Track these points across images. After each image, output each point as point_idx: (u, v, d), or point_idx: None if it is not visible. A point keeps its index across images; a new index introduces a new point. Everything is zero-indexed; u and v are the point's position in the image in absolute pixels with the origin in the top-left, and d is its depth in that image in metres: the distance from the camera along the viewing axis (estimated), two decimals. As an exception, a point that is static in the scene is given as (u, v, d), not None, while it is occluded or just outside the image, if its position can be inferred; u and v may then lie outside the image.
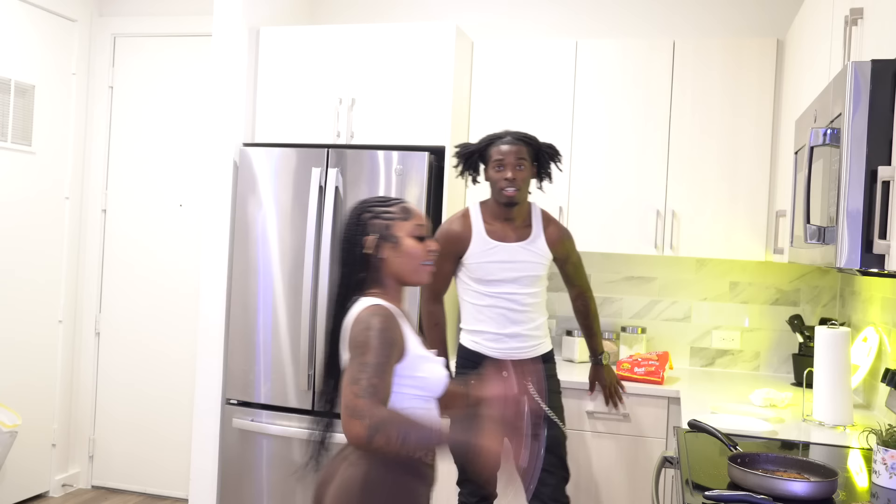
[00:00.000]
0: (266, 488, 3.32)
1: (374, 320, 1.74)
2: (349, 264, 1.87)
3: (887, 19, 1.59)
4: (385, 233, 1.85)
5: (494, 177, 2.69)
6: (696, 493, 1.72)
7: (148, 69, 4.19)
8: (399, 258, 1.85)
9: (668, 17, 3.69)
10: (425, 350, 1.85)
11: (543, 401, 2.74)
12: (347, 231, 1.87)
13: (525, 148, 2.68)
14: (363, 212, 1.87)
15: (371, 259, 1.86)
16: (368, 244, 1.85)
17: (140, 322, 4.18)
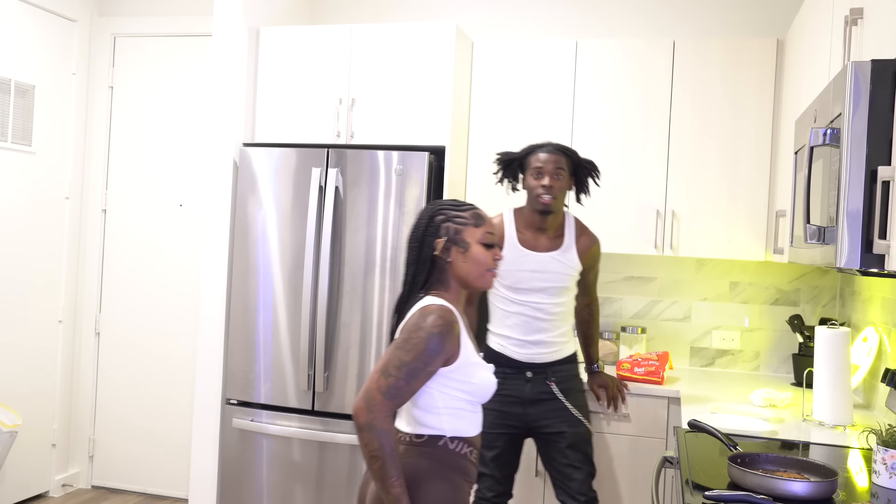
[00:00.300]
0: (266, 488, 3.32)
1: (432, 321, 1.77)
2: (416, 264, 1.91)
3: (887, 19, 1.59)
4: (455, 237, 1.89)
5: (532, 184, 2.72)
6: (696, 493, 1.72)
7: (148, 69, 4.19)
8: (466, 263, 1.89)
9: (668, 17, 3.69)
10: (477, 356, 1.88)
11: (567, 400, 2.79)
12: (417, 231, 1.92)
13: (564, 159, 2.72)
14: (436, 214, 1.91)
15: (438, 261, 1.90)
16: (438, 246, 1.89)
17: (140, 322, 4.18)
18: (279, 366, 3.33)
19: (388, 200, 3.21)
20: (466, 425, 1.87)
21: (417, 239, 1.92)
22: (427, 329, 1.76)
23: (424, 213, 1.93)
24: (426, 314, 1.79)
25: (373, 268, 3.22)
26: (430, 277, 1.90)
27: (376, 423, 1.71)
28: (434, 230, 1.90)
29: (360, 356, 3.23)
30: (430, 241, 1.90)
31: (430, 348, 1.75)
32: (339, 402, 3.25)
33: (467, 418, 1.87)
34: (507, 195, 3.05)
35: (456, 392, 1.84)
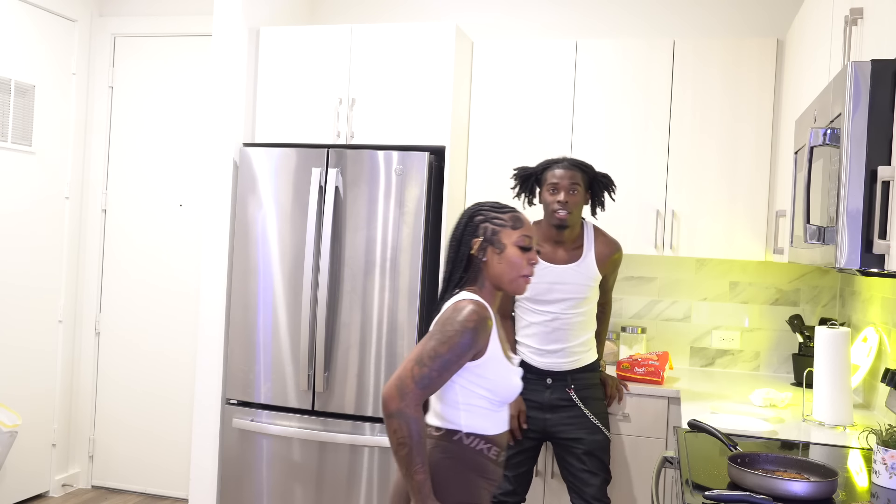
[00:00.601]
0: (266, 488, 3.32)
1: (467, 315, 1.81)
2: (453, 261, 1.96)
3: (887, 19, 1.59)
4: (492, 238, 1.92)
5: (548, 199, 2.76)
6: (696, 493, 1.72)
7: (148, 69, 4.19)
8: (500, 264, 1.92)
9: (668, 17, 3.69)
10: (504, 357, 1.90)
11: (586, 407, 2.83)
12: (457, 230, 1.96)
13: (580, 174, 2.77)
14: (476, 214, 1.95)
15: (474, 260, 1.94)
16: (474, 246, 1.93)
17: (140, 322, 4.18)
18: (279, 366, 3.33)
19: (388, 200, 3.21)
20: (485, 423, 1.90)
21: (456, 237, 1.96)
22: (461, 322, 1.80)
23: (465, 212, 1.98)
24: (460, 308, 1.83)
25: (373, 268, 3.22)
26: (466, 275, 1.94)
27: (407, 411, 1.76)
28: (472, 230, 1.94)
29: (360, 356, 3.23)
30: (467, 240, 1.94)
31: (464, 341, 1.80)
32: (339, 402, 3.25)
33: (486, 416, 1.90)
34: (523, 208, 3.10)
35: (477, 389, 1.87)
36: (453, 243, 1.96)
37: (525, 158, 3.44)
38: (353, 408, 3.24)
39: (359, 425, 3.22)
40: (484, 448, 1.90)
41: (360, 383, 3.23)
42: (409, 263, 3.19)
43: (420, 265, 3.18)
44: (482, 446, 1.89)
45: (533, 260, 1.93)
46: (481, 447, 1.89)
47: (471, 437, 1.88)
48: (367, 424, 3.21)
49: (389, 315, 3.21)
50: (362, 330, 3.24)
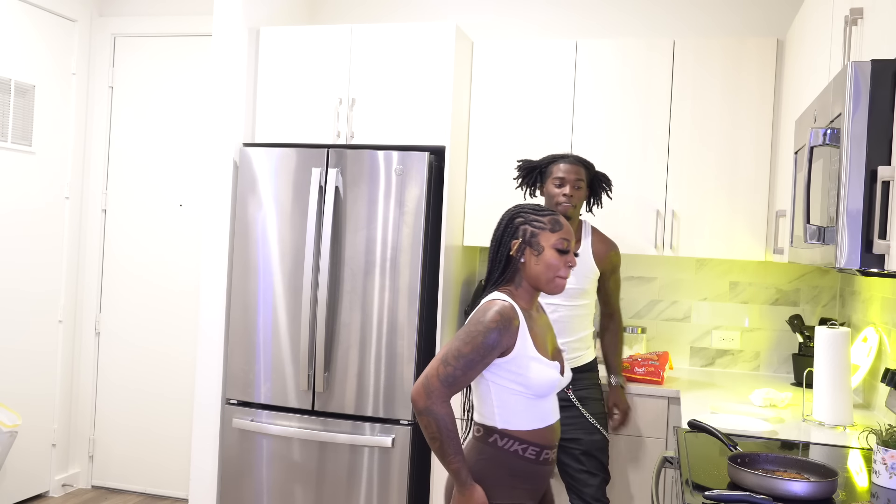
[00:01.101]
0: (266, 488, 3.32)
1: (491, 316, 1.89)
2: (493, 261, 2.03)
3: (887, 19, 1.59)
4: (530, 240, 1.98)
5: (553, 191, 2.81)
6: (696, 493, 1.72)
7: (148, 69, 4.19)
8: (538, 266, 1.97)
9: (667, 17, 3.69)
10: (536, 352, 1.94)
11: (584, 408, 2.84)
12: (497, 230, 2.03)
13: (584, 171, 2.83)
14: (516, 216, 2.01)
15: (512, 260, 1.99)
16: (513, 247, 1.99)
17: (140, 322, 4.18)
18: (279, 366, 3.33)
19: (388, 200, 3.21)
20: (519, 418, 1.94)
21: (496, 239, 2.02)
22: (486, 323, 1.88)
23: (506, 213, 2.04)
24: (487, 309, 1.91)
25: (373, 268, 3.22)
26: (504, 275, 2.00)
27: (434, 408, 1.86)
28: (512, 231, 2.00)
29: (360, 356, 3.23)
30: (506, 241, 2.00)
31: (488, 342, 1.87)
32: (339, 402, 3.25)
33: (522, 411, 1.94)
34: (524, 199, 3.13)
35: (510, 384, 1.93)
36: (494, 243, 2.03)
37: (526, 157, 3.44)
38: (353, 408, 3.24)
39: (359, 425, 3.22)
40: (519, 449, 1.94)
41: (360, 383, 3.23)
42: (409, 263, 3.19)
43: (420, 265, 3.18)
44: (516, 447, 1.94)
45: (570, 262, 1.98)
46: (515, 448, 1.94)
47: (505, 438, 1.93)
48: (367, 424, 3.21)
49: (389, 315, 3.21)
50: (362, 330, 3.24)
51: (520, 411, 1.94)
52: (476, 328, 1.88)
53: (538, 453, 1.96)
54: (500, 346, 1.89)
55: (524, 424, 1.94)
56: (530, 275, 1.98)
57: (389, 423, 3.20)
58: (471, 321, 1.91)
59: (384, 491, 3.18)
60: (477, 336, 1.87)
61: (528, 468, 1.95)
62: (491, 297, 1.96)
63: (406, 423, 3.19)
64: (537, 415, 1.96)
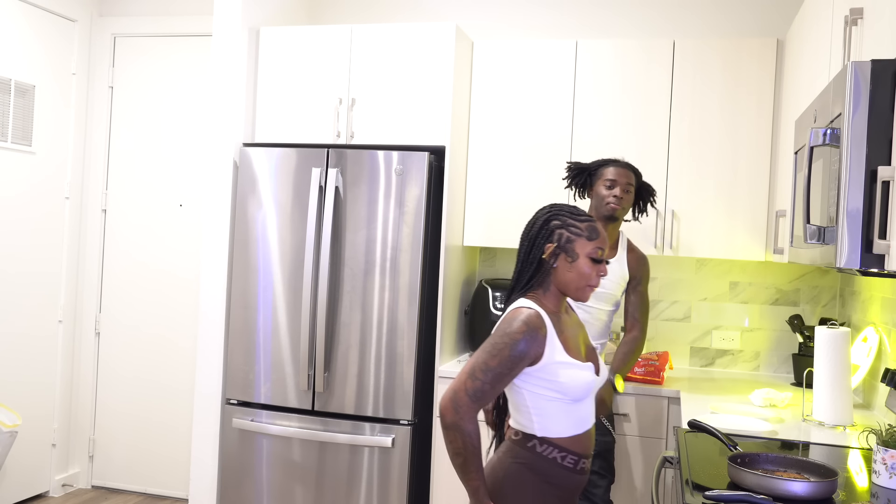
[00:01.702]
0: (266, 488, 3.32)
1: (517, 327, 1.82)
2: (523, 262, 1.95)
3: (887, 19, 1.59)
4: (566, 245, 1.90)
5: (603, 193, 2.83)
6: (696, 493, 1.72)
7: (148, 69, 4.19)
8: (570, 273, 1.90)
9: (667, 18, 3.69)
10: (568, 356, 1.88)
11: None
12: (530, 231, 1.94)
13: (633, 177, 2.87)
14: (553, 218, 1.92)
15: (544, 264, 1.91)
16: (547, 251, 1.90)
17: (140, 322, 4.18)
18: (279, 366, 3.33)
19: (388, 200, 3.21)
20: (558, 425, 1.88)
21: (529, 239, 1.94)
22: (512, 334, 1.81)
23: (541, 214, 1.95)
24: (512, 319, 1.84)
25: (373, 268, 3.22)
26: (534, 278, 1.93)
27: (462, 424, 1.79)
28: (547, 234, 1.91)
29: (360, 356, 3.23)
30: (540, 244, 1.91)
31: (514, 354, 1.81)
32: (339, 402, 3.25)
33: (559, 418, 1.88)
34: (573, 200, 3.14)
35: (545, 391, 1.86)
36: (525, 244, 1.95)
37: (525, 158, 3.44)
38: (353, 408, 3.24)
39: (359, 425, 3.22)
40: (557, 457, 1.88)
41: (360, 383, 3.23)
42: (409, 263, 3.19)
43: (420, 265, 3.18)
44: (555, 454, 1.88)
45: (602, 272, 1.92)
46: (554, 455, 1.88)
47: (544, 444, 1.88)
48: (367, 424, 3.21)
49: (389, 315, 3.21)
50: (362, 330, 3.24)
51: (558, 417, 1.88)
52: (502, 339, 1.81)
53: (576, 462, 1.90)
54: (528, 357, 1.82)
55: (563, 431, 1.89)
56: (560, 280, 1.91)
57: (389, 423, 3.20)
58: (497, 332, 1.84)
59: (384, 491, 3.18)
60: (504, 348, 1.80)
61: (565, 477, 1.89)
62: (517, 305, 1.88)
63: (406, 423, 3.19)
64: (575, 420, 1.90)
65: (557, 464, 1.88)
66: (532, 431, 1.89)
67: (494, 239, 3.48)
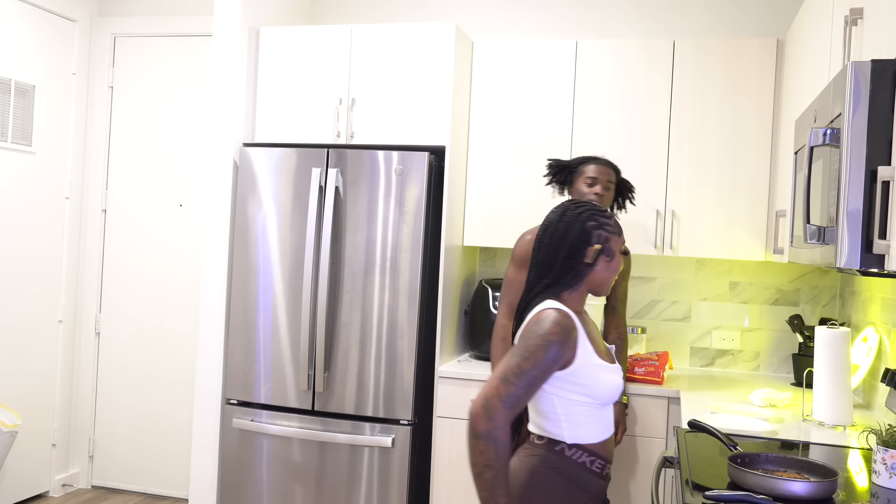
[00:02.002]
0: (266, 488, 3.32)
1: (551, 328, 1.74)
2: (554, 265, 1.86)
3: (887, 19, 1.59)
4: (606, 245, 1.86)
5: (584, 190, 2.84)
6: (696, 493, 1.72)
7: (148, 69, 4.19)
8: (606, 272, 1.87)
9: (667, 17, 3.69)
10: (599, 358, 1.83)
11: None
12: (569, 235, 1.85)
13: (613, 173, 2.87)
14: (589, 219, 1.86)
15: (583, 268, 1.85)
16: (590, 254, 1.84)
17: (140, 322, 4.18)
18: (279, 366, 3.33)
19: (388, 200, 3.21)
20: (588, 431, 1.83)
21: (567, 243, 1.85)
22: (544, 336, 1.73)
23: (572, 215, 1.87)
24: (543, 320, 1.76)
25: (373, 268, 3.22)
26: (562, 280, 1.86)
27: (496, 433, 1.66)
28: (587, 237, 1.85)
29: (360, 356, 3.23)
30: (581, 247, 1.84)
31: (549, 356, 1.72)
32: (339, 402, 3.25)
33: (588, 423, 1.83)
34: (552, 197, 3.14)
35: (575, 396, 1.80)
36: (561, 248, 1.85)
37: (525, 158, 3.44)
38: (353, 408, 3.24)
39: (359, 425, 3.22)
40: (587, 461, 1.82)
41: (360, 383, 3.23)
42: (409, 263, 3.19)
43: (420, 265, 3.18)
44: (585, 459, 1.82)
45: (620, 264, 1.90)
46: (584, 460, 1.82)
47: (573, 448, 1.82)
48: (367, 424, 3.21)
49: (389, 315, 3.21)
50: (362, 330, 3.24)
51: (588, 423, 1.82)
52: (535, 342, 1.72)
53: (602, 467, 1.85)
54: (561, 359, 1.74)
55: (592, 437, 1.83)
56: (595, 280, 1.86)
57: (389, 423, 3.20)
58: (527, 335, 1.75)
59: (384, 491, 3.18)
60: (537, 350, 1.71)
61: (592, 482, 1.84)
62: (543, 307, 1.81)
63: (406, 423, 3.19)
64: (602, 425, 1.85)
65: (587, 468, 1.82)
66: (561, 438, 1.82)
67: (494, 239, 3.48)
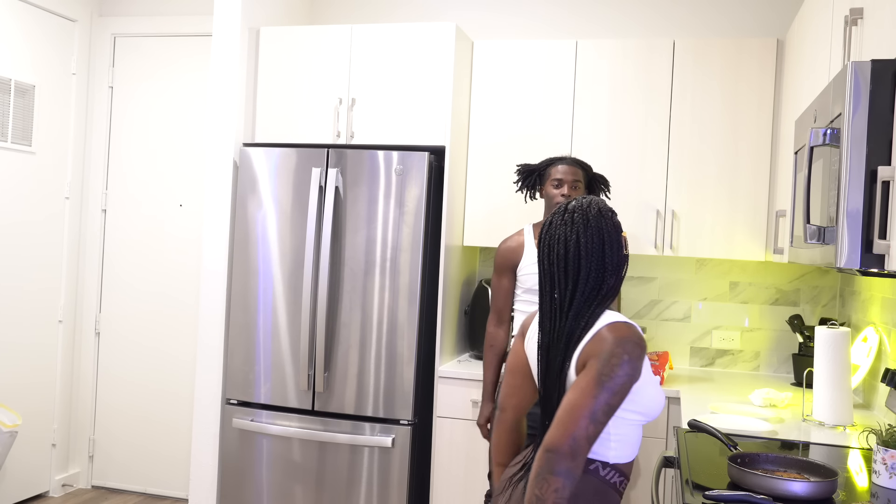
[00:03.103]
0: (266, 488, 3.32)
1: (631, 350, 1.59)
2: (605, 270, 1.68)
3: (887, 19, 1.59)
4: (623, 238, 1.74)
5: (552, 192, 2.84)
6: (696, 493, 1.72)
7: (148, 69, 4.19)
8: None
9: (667, 17, 3.69)
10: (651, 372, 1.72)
11: None
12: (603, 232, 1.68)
13: (581, 172, 2.86)
14: (611, 212, 1.72)
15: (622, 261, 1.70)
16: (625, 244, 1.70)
17: (140, 322, 4.18)
18: (279, 366, 3.33)
19: (388, 200, 3.21)
20: (630, 449, 1.72)
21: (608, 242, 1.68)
22: (629, 362, 1.58)
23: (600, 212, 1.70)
24: (622, 341, 1.59)
25: (373, 268, 3.22)
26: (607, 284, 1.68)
27: (575, 472, 1.55)
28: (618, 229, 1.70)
29: (360, 356, 3.24)
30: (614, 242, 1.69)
31: (631, 378, 1.58)
32: (339, 402, 3.25)
33: (633, 441, 1.72)
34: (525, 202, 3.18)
35: (632, 415, 1.68)
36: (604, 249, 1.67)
37: (525, 158, 3.44)
38: (353, 408, 3.24)
39: (359, 425, 3.22)
40: (617, 482, 1.71)
41: (360, 383, 3.23)
42: (409, 263, 3.19)
43: (420, 265, 3.18)
44: (615, 479, 1.70)
45: None
46: (615, 480, 1.70)
47: (608, 467, 1.69)
48: (367, 424, 3.21)
49: (389, 315, 3.21)
50: (362, 330, 3.24)
51: (633, 442, 1.71)
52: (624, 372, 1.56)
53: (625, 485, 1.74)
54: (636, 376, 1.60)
55: (631, 455, 1.73)
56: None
57: (389, 423, 3.20)
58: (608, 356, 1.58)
59: (384, 491, 3.18)
60: (626, 382, 1.57)
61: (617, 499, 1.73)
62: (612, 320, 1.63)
63: (406, 423, 3.19)
64: (638, 443, 1.74)
65: (616, 489, 1.71)
66: (605, 459, 1.69)
67: (494, 239, 3.48)
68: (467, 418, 3.20)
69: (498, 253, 2.88)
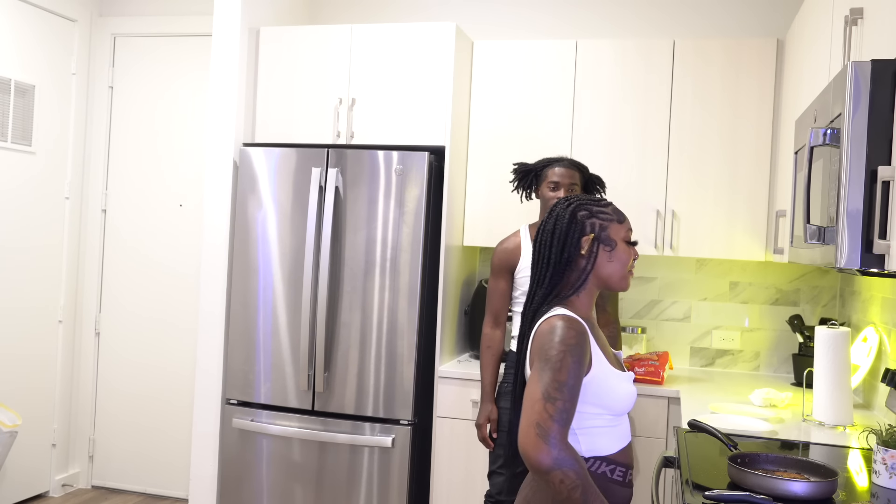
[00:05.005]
0: (266, 488, 3.32)
1: (563, 334, 1.62)
2: (555, 265, 1.74)
3: (887, 19, 1.59)
4: (601, 234, 1.73)
5: (548, 195, 2.83)
6: (696, 493, 1.72)
7: (148, 69, 4.19)
8: (611, 262, 1.74)
9: (667, 17, 3.69)
10: (610, 366, 1.72)
11: None
12: (557, 229, 1.74)
13: (578, 174, 2.85)
14: (578, 209, 1.74)
15: (580, 262, 1.73)
16: (584, 245, 1.72)
17: (140, 322, 4.18)
18: (279, 366, 3.33)
19: (388, 200, 3.21)
20: (604, 442, 1.71)
21: (559, 238, 1.73)
22: (561, 342, 1.61)
23: (562, 209, 1.75)
24: (554, 328, 1.63)
25: (373, 268, 3.22)
26: (567, 280, 1.74)
27: (561, 456, 1.53)
28: (580, 227, 1.72)
29: (360, 356, 3.24)
30: (574, 240, 1.72)
31: (576, 360, 1.60)
32: (339, 402, 3.25)
33: (605, 434, 1.71)
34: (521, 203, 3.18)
35: (591, 408, 1.69)
36: (554, 245, 1.73)
37: (525, 158, 3.44)
38: (353, 408, 3.24)
39: (359, 425, 3.22)
40: (607, 471, 1.70)
41: (360, 383, 3.23)
42: (409, 263, 3.19)
43: (420, 265, 3.18)
44: (604, 469, 1.70)
45: (636, 255, 1.77)
46: (604, 470, 1.69)
47: (591, 460, 1.69)
48: (367, 424, 3.21)
49: (389, 315, 3.21)
50: (362, 330, 3.24)
51: (604, 434, 1.70)
52: (556, 350, 1.60)
53: (624, 474, 1.73)
54: (583, 365, 1.62)
55: (610, 447, 1.71)
56: (602, 275, 1.73)
57: (389, 423, 3.20)
58: (543, 347, 1.62)
59: (384, 491, 3.18)
60: (564, 357, 1.59)
61: (617, 491, 1.72)
62: (551, 314, 1.68)
63: (406, 423, 3.19)
64: (619, 434, 1.74)
65: (608, 478, 1.70)
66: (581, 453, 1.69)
67: (494, 239, 3.48)
68: (467, 418, 3.20)
69: (495, 254, 2.88)
